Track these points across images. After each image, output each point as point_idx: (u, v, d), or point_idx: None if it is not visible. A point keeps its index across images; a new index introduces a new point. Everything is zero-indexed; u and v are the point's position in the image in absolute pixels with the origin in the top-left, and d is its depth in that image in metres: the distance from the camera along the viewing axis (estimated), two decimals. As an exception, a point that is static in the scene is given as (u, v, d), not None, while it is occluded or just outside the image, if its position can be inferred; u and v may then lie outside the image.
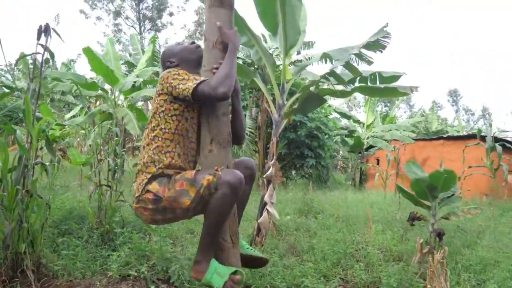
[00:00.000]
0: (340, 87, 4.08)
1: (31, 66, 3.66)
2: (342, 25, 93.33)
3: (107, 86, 9.00)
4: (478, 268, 3.38)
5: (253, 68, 6.94)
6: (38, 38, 3.38)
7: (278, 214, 4.35)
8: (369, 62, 3.70)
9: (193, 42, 2.06)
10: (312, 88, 3.78)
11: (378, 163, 14.66)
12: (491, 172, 9.06)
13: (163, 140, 1.83)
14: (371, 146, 14.60)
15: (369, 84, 4.21)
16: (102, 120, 8.74)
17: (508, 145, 10.06)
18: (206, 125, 1.85)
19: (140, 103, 18.23)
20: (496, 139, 9.96)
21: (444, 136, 13.43)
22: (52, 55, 3.44)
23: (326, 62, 5.46)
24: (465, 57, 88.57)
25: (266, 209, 3.85)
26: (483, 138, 9.98)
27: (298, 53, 7.56)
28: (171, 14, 26.68)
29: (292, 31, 3.81)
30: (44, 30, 3.39)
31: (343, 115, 14.68)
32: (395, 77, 4.25)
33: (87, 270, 2.90)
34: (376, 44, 3.57)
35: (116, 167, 4.35)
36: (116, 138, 4.57)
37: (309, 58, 7.57)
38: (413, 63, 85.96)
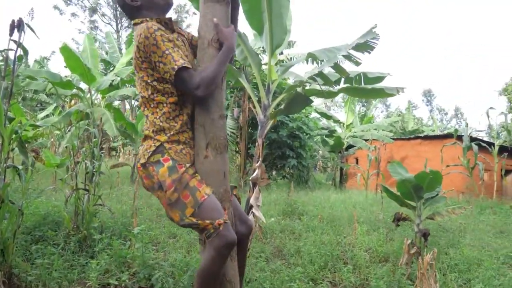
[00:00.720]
0: (326, 88, 4.04)
1: (0, 63, 3.42)
2: (334, 19, 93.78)
3: (83, 85, 8.69)
4: (463, 268, 3.41)
5: (234, 67, 6.83)
6: (11, 33, 3.18)
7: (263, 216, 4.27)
8: (357, 63, 3.67)
9: None
10: (298, 89, 3.72)
11: (357, 163, 14.86)
12: (467, 170, 9.31)
13: (169, 105, 1.71)
14: (350, 146, 14.76)
15: (354, 84, 4.19)
16: (78, 120, 8.43)
17: (484, 144, 10.37)
18: (200, 128, 1.73)
19: (116, 103, 17.78)
20: (472, 139, 10.25)
21: (422, 135, 13.74)
22: (25, 51, 3.24)
23: (308, 63, 5.44)
24: (458, 51, 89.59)
25: (252, 212, 3.76)
26: (459, 138, 10.26)
27: (281, 53, 7.52)
28: (149, 12, 26.13)
29: (279, 30, 3.74)
30: (17, 25, 3.19)
31: (324, 115, 14.78)
32: (380, 78, 4.25)
33: (63, 280, 2.73)
34: (364, 45, 3.54)
35: (94, 170, 4.16)
36: (94, 139, 4.38)
37: (291, 58, 7.55)
38: (405, 57, 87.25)
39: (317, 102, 15.57)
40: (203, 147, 1.71)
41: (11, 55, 3.07)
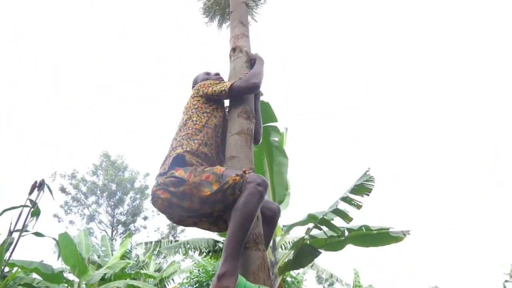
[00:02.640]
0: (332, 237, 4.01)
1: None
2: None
3: (72, 277, 8.17)
4: None
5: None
6: (31, 192, 3.42)
7: None
8: (358, 206, 3.81)
9: (217, 74, 2.40)
10: (306, 236, 3.69)
11: None
12: None
13: (193, 129, 1.98)
14: None
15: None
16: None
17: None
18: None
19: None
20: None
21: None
22: (38, 212, 3.41)
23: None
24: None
25: None
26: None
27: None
28: (145, 218, 26.97)
29: (280, 187, 4.04)
30: (38, 185, 3.46)
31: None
32: (383, 229, 4.29)
33: None
34: (362, 188, 3.78)
35: None
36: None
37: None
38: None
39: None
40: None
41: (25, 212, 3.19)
